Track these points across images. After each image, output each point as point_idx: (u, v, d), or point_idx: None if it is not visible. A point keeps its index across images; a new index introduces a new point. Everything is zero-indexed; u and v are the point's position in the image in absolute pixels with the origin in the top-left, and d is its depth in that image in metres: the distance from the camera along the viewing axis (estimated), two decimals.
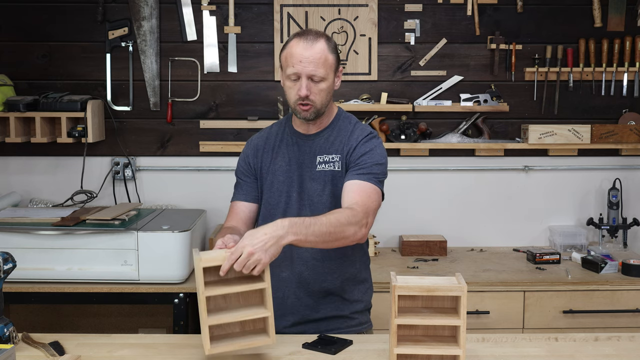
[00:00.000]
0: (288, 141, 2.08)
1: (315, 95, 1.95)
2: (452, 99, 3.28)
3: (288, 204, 2.03)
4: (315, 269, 2.03)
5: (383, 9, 3.27)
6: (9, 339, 1.78)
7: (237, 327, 1.71)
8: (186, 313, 2.68)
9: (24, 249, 2.65)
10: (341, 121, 2.07)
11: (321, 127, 2.06)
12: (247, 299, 1.72)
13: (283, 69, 1.99)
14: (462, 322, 1.62)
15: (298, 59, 1.91)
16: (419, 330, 1.70)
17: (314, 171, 2.02)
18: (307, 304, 2.05)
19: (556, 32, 3.31)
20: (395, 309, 1.62)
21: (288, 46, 1.96)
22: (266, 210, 2.07)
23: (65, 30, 3.24)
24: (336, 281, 2.05)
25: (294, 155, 2.06)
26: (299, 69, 1.92)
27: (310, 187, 2.02)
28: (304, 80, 1.92)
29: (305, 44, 1.92)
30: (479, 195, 3.37)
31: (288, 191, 2.04)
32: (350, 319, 2.08)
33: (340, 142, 2.02)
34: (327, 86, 1.96)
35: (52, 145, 3.14)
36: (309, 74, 1.92)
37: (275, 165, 2.07)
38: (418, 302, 1.69)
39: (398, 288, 1.61)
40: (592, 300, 2.78)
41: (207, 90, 3.29)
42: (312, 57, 1.91)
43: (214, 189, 3.28)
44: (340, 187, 1.98)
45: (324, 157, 2.02)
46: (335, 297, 2.06)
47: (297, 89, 1.94)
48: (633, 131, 3.27)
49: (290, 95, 1.98)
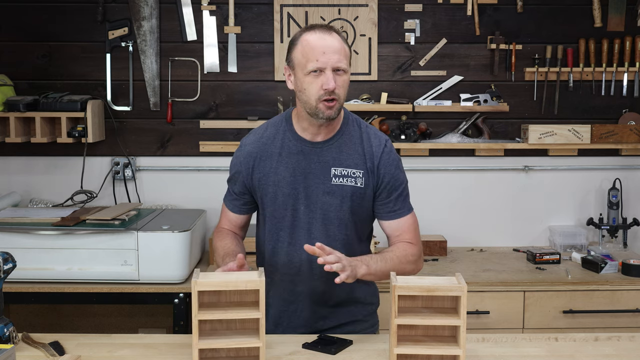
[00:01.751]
0: (290, 149, 1.93)
1: (340, 89, 1.82)
2: (452, 99, 3.28)
3: (295, 217, 1.93)
4: (328, 282, 1.89)
5: (383, 9, 3.27)
6: (9, 339, 1.78)
7: (232, 352, 1.70)
8: (186, 313, 2.68)
9: (24, 249, 2.65)
10: (350, 125, 1.95)
11: (330, 134, 1.92)
12: (243, 324, 1.71)
13: (298, 67, 1.83)
14: (462, 322, 1.61)
15: (321, 50, 1.78)
16: (419, 330, 1.70)
17: (328, 184, 1.90)
18: (322, 315, 2.00)
19: (556, 32, 3.31)
20: (395, 309, 1.62)
21: (301, 42, 1.83)
22: (272, 225, 1.96)
23: (65, 30, 3.24)
24: (347, 288, 1.95)
25: (298, 165, 1.91)
26: (324, 61, 1.78)
27: (324, 201, 1.90)
28: (330, 73, 1.79)
29: (322, 35, 1.81)
30: (479, 195, 3.37)
31: (294, 204, 1.92)
32: (364, 322, 2.06)
33: (358, 154, 1.92)
34: (348, 79, 1.85)
35: (52, 145, 3.14)
36: (334, 66, 1.79)
37: (278, 176, 1.92)
38: (418, 302, 1.69)
39: (398, 288, 1.61)
40: (592, 300, 2.79)
41: (207, 90, 3.29)
42: (334, 48, 1.80)
43: (214, 189, 3.26)
44: (361, 203, 1.92)
45: (340, 171, 1.90)
46: (350, 303, 2.03)
47: (322, 82, 1.79)
48: (633, 131, 3.27)
49: (311, 93, 1.81)
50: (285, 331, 2.01)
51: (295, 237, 1.94)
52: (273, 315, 2.02)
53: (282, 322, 2.02)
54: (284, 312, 2.02)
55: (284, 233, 1.95)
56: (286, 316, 2.02)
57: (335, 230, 1.93)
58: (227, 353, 1.70)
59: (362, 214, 1.96)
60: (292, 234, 1.94)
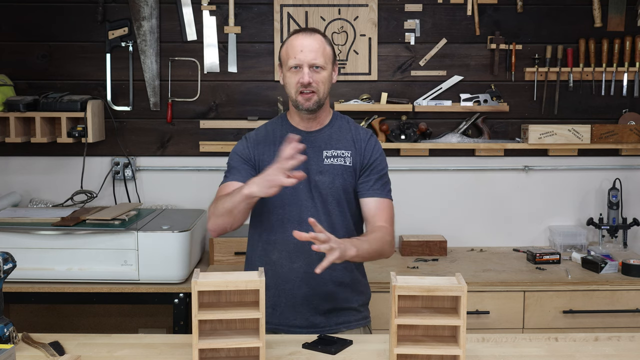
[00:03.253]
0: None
1: (317, 83, 2.02)
2: (452, 99, 3.28)
3: (296, 197, 2.07)
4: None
5: (383, 9, 3.27)
6: (9, 339, 1.78)
7: (232, 352, 1.71)
8: (186, 313, 2.68)
9: (24, 249, 2.65)
10: (339, 120, 2.17)
11: (322, 124, 2.13)
12: (243, 324, 1.73)
13: (283, 64, 2.08)
14: (462, 322, 1.62)
15: (299, 49, 2.01)
16: (419, 330, 1.70)
17: (321, 165, 2.08)
18: (320, 295, 2.07)
19: (556, 32, 3.31)
20: (395, 309, 1.62)
21: (287, 42, 2.08)
22: (276, 201, 2.06)
23: (65, 30, 3.24)
24: (347, 272, 2.10)
25: None
26: (301, 58, 2.01)
27: (318, 180, 2.07)
28: (306, 69, 2.01)
29: (303, 36, 2.04)
30: (479, 195, 3.37)
31: (295, 186, 2.02)
32: (358, 312, 2.15)
33: (346, 140, 2.12)
34: (327, 75, 2.05)
35: (52, 145, 3.14)
36: (310, 63, 2.01)
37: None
38: (418, 302, 1.69)
39: (398, 288, 1.61)
40: (592, 300, 2.78)
41: (207, 90, 3.29)
42: (312, 47, 2.02)
43: (214, 189, 3.23)
44: (351, 181, 2.09)
45: (331, 152, 2.10)
46: (347, 288, 2.11)
47: (299, 77, 2.02)
48: (633, 131, 3.27)
49: (291, 86, 2.05)
50: (283, 313, 2.07)
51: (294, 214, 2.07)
52: (271, 297, 2.07)
53: (280, 303, 2.08)
54: (282, 290, 2.08)
55: (288, 209, 2.07)
56: (284, 295, 2.08)
57: (329, 208, 2.08)
58: (227, 353, 1.70)
59: (353, 193, 2.12)
60: (291, 211, 2.07)
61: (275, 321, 2.08)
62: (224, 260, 2.97)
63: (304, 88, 2.01)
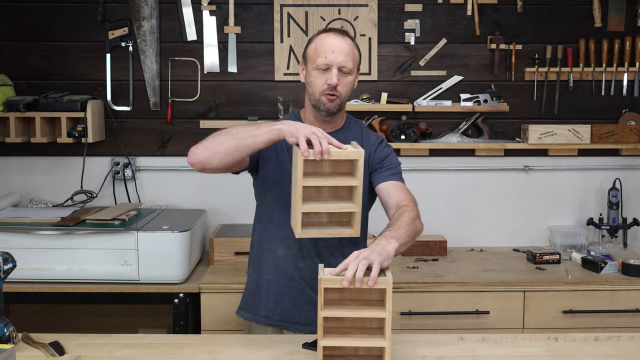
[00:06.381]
0: None
1: (342, 87, 1.99)
2: (452, 99, 3.28)
3: None
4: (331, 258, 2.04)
5: (383, 9, 3.27)
6: (9, 339, 1.78)
7: (325, 217, 1.80)
8: (186, 313, 2.68)
9: (24, 249, 2.65)
10: (352, 124, 2.15)
11: (335, 127, 2.10)
12: (337, 193, 1.80)
13: (310, 62, 2.01)
14: (387, 314, 1.61)
15: (330, 49, 1.96)
16: (347, 323, 1.70)
17: None
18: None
19: (556, 32, 3.31)
20: (322, 302, 1.61)
21: (316, 40, 2.01)
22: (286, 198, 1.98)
23: (65, 30, 3.24)
24: None
25: None
26: (332, 59, 1.96)
27: None
28: (335, 70, 1.97)
29: (336, 37, 1.99)
30: (479, 195, 3.37)
31: None
32: None
33: (359, 142, 2.07)
34: (352, 80, 2.02)
35: (52, 145, 3.14)
36: (340, 65, 1.97)
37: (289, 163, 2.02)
38: (346, 294, 1.69)
39: (324, 281, 1.61)
40: (592, 300, 2.79)
41: (207, 90, 3.29)
42: (343, 49, 1.97)
43: (214, 189, 3.28)
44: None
45: None
46: None
47: (326, 78, 1.97)
48: (633, 131, 3.27)
49: (316, 85, 1.99)
50: (286, 309, 2.07)
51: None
52: (274, 293, 2.08)
53: (283, 300, 2.08)
54: (286, 287, 2.07)
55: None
56: (287, 292, 2.07)
57: None
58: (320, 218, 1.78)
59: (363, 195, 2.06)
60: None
61: (278, 317, 2.08)
62: (224, 260, 2.97)
63: (331, 90, 1.97)
